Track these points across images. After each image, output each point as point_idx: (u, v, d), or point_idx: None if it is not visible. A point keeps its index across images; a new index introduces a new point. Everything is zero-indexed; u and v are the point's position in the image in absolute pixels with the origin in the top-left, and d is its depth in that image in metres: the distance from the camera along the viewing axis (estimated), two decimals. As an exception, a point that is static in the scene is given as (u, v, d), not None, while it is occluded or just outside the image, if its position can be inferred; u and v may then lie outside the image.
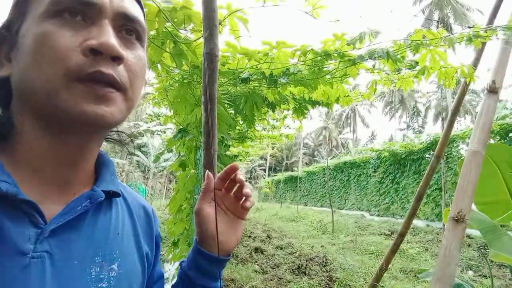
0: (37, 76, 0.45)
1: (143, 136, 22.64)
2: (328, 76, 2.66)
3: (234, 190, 0.74)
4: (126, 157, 23.96)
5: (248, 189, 0.71)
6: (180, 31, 1.58)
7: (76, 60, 0.46)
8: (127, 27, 0.53)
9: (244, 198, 0.72)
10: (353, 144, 57.67)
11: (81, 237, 0.51)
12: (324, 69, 2.30)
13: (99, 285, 0.51)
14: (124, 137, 0.70)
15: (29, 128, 0.49)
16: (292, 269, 5.92)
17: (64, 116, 0.46)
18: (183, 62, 1.66)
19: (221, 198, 0.74)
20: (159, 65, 2.00)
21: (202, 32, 0.89)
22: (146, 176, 26.19)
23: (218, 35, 0.90)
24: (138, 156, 24.34)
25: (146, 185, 24.46)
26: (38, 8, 0.48)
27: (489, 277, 2.22)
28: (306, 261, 6.27)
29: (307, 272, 5.78)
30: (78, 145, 0.52)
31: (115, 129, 0.65)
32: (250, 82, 2.54)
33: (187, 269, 0.73)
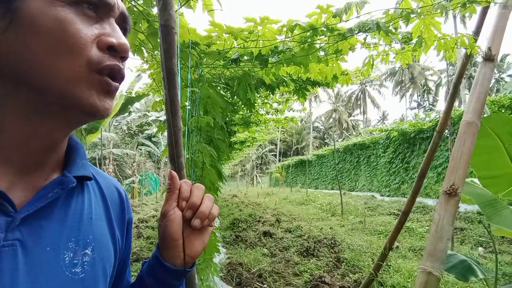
0: (53, 62, 0.45)
1: (152, 126, 22.77)
2: (321, 53, 2.58)
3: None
4: (137, 148, 24.23)
5: (194, 216, 0.64)
6: (153, 9, 1.54)
7: (96, 52, 0.47)
8: (122, 26, 0.55)
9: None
10: (364, 125, 57.20)
11: (53, 224, 0.51)
12: (315, 45, 2.22)
13: (73, 270, 0.51)
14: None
15: (6, 116, 0.47)
16: (301, 252, 5.94)
17: (74, 106, 0.47)
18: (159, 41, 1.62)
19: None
20: (143, 49, 1.95)
21: (156, 3, 0.85)
22: (157, 166, 26.46)
23: (173, 6, 0.85)
24: (148, 146, 24.56)
25: (158, 174, 24.74)
26: None
27: (496, 252, 2.17)
28: (315, 243, 6.28)
29: (315, 254, 5.79)
30: (59, 131, 0.52)
31: None
32: (241, 63, 2.49)
33: (145, 275, 0.70)
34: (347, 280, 4.56)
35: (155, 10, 1.54)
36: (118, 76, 0.51)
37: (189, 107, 2.12)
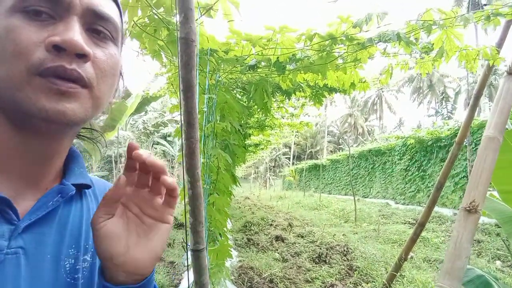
0: (1, 70, 0.45)
1: (167, 125, 23.00)
2: (340, 61, 2.56)
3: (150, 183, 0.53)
4: (152, 147, 24.48)
5: (167, 177, 0.50)
6: (174, 18, 1.55)
7: (39, 55, 0.45)
8: (97, 25, 0.52)
9: (165, 191, 0.53)
10: (380, 131, 56.49)
11: (54, 231, 0.52)
12: (333, 54, 2.21)
13: (75, 276, 0.52)
14: (96, 135, 0.69)
15: None
16: (313, 258, 5.89)
17: (24, 111, 0.45)
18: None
19: (132, 198, 0.53)
20: (163, 54, 1.98)
21: (177, 16, 0.85)
22: (171, 165, 26.68)
23: (194, 19, 0.85)
24: (163, 145, 24.79)
25: (172, 173, 24.95)
26: (7, 1, 0.47)
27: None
28: (327, 249, 6.22)
29: (327, 261, 5.73)
30: (46, 142, 0.51)
31: (88, 126, 0.65)
32: (259, 70, 2.49)
33: None
34: (359, 289, 4.50)
35: (175, 19, 1.56)
36: (67, 76, 0.46)
37: (206, 113, 2.13)
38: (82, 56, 0.47)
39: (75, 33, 0.47)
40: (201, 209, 0.95)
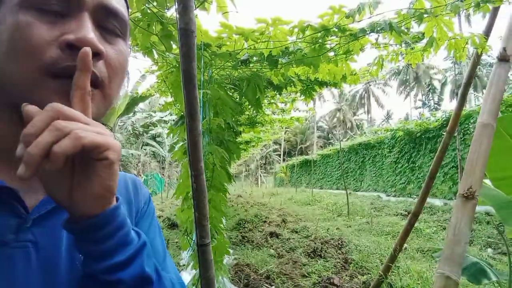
0: (10, 69, 0.44)
1: (156, 126, 22.83)
2: (331, 54, 2.57)
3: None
4: (142, 148, 24.29)
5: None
6: (167, 11, 1.53)
7: (51, 54, 0.43)
8: (108, 20, 0.51)
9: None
10: (368, 125, 57.01)
11: None
12: (326, 46, 2.21)
13: None
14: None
15: (3, 117, 0.48)
16: (308, 252, 5.91)
17: None
18: (173, 45, 1.61)
19: None
20: (154, 51, 1.95)
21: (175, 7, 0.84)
22: (162, 166, 26.53)
23: (193, 9, 0.84)
24: (153, 146, 24.63)
25: (163, 174, 24.80)
26: None
27: (509, 255, 2.15)
28: (322, 244, 6.25)
29: (322, 255, 5.77)
30: None
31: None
32: (251, 64, 2.47)
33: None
34: (356, 282, 4.53)
35: (169, 13, 1.54)
36: None
37: (201, 109, 2.11)
38: (96, 55, 0.46)
39: (89, 31, 0.46)
40: (205, 203, 0.94)
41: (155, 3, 1.40)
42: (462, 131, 9.16)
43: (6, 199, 0.45)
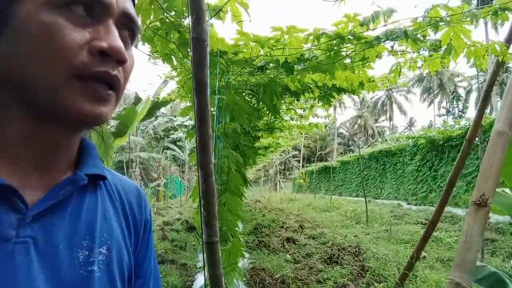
0: (36, 69, 0.44)
1: (177, 130, 23.18)
2: (347, 61, 2.59)
3: None
4: (162, 151, 24.69)
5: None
6: (184, 20, 1.59)
7: (82, 58, 0.45)
8: (127, 27, 0.53)
9: None
10: (390, 132, 56.07)
11: (66, 222, 0.51)
12: (341, 53, 2.23)
13: (89, 269, 0.51)
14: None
15: (8, 115, 0.47)
16: (324, 259, 5.87)
17: (62, 112, 0.46)
18: (190, 52, 1.67)
19: None
20: (173, 57, 2.02)
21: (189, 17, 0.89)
22: (182, 170, 26.87)
23: (205, 19, 0.89)
24: (174, 150, 25.00)
25: (183, 178, 25.10)
26: None
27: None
28: (339, 250, 6.19)
29: (339, 262, 5.71)
30: (62, 136, 0.51)
31: None
32: (267, 71, 2.52)
33: None
34: (372, 289, 4.48)
35: (186, 21, 1.61)
36: (110, 82, 0.48)
37: (217, 114, 2.17)
38: (121, 63, 0.49)
39: (119, 40, 0.48)
40: (214, 202, 0.98)
41: (172, 13, 1.48)
42: (486, 139, 8.91)
43: (5, 195, 0.44)
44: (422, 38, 2.09)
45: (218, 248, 1.01)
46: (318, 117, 6.90)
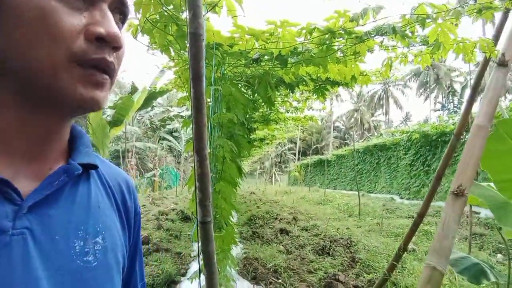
0: (33, 54, 0.43)
1: (173, 121, 23.18)
2: (340, 54, 2.66)
3: None
4: (158, 142, 24.71)
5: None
6: (182, 14, 1.66)
7: (81, 44, 0.45)
8: (119, 10, 0.53)
9: None
10: (386, 126, 56.32)
11: (61, 212, 0.50)
12: (333, 47, 2.31)
13: (85, 259, 0.51)
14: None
15: (7, 104, 0.46)
16: (316, 250, 5.99)
17: (60, 97, 0.46)
18: (187, 44, 1.74)
19: None
20: (171, 48, 2.09)
21: (187, 13, 0.96)
22: (178, 161, 26.91)
23: (202, 15, 0.96)
24: (169, 141, 25.01)
25: (178, 169, 25.15)
26: None
27: (509, 256, 2.20)
28: (330, 242, 6.32)
29: (330, 253, 5.84)
30: (56, 123, 0.51)
31: None
32: (262, 63, 2.59)
33: None
34: (361, 280, 4.60)
35: (183, 15, 1.67)
36: (106, 69, 0.48)
37: (212, 104, 2.25)
38: (117, 49, 0.49)
39: (115, 25, 0.48)
40: (208, 185, 1.07)
41: (171, 7, 1.54)
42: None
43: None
44: (410, 34, 2.17)
45: (211, 227, 1.10)
46: (313, 110, 6.96)
